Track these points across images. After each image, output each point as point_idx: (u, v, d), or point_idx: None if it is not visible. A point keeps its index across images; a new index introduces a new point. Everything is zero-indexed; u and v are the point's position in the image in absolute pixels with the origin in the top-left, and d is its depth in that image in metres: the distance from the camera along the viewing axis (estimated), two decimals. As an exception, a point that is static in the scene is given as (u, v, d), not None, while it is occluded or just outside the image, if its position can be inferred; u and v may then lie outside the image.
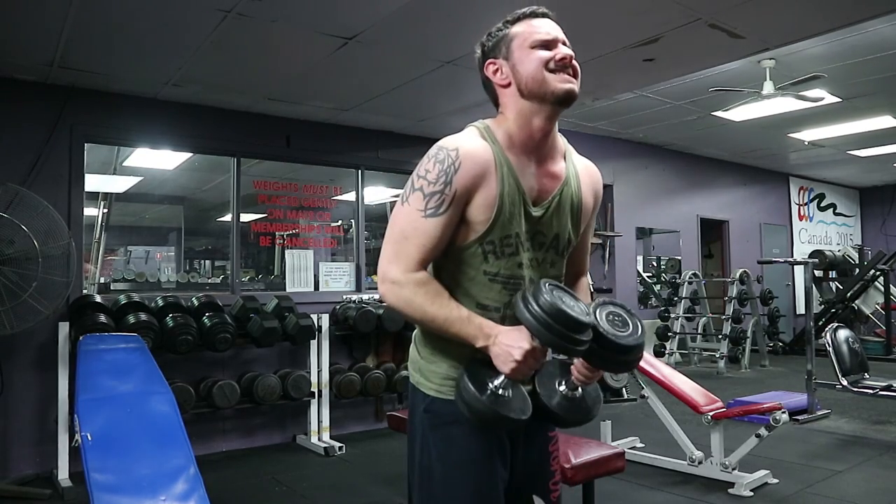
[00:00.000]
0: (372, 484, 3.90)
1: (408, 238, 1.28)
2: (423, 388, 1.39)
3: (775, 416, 3.60)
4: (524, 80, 1.34)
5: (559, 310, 1.18)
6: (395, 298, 1.28)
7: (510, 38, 1.37)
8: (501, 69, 1.38)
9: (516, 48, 1.36)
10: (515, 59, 1.35)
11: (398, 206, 1.33)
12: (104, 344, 3.57)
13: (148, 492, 2.56)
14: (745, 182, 10.26)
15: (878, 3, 3.34)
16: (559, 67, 1.34)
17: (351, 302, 5.14)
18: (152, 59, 3.91)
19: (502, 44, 1.38)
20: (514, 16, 1.39)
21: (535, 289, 1.23)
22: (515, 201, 1.33)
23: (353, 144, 5.49)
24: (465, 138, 1.35)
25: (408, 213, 1.29)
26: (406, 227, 1.29)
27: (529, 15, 1.38)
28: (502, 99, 1.39)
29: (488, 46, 1.41)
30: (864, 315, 9.61)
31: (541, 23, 1.38)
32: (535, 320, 1.19)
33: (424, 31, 3.59)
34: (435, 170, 1.29)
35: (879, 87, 6.18)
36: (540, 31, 1.36)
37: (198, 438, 4.16)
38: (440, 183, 1.28)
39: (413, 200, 1.29)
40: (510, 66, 1.36)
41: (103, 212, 5.03)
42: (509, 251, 1.34)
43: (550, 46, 1.35)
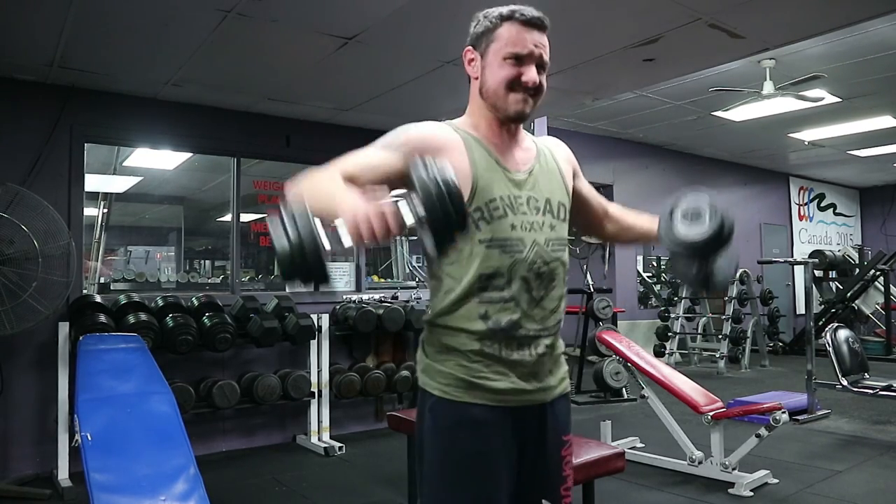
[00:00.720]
0: (372, 484, 3.90)
1: (346, 157, 1.30)
2: (428, 389, 1.38)
3: (775, 416, 3.60)
4: (486, 87, 1.39)
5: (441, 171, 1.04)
6: (306, 181, 1.20)
7: (492, 39, 1.37)
8: (475, 62, 1.41)
9: (492, 52, 1.37)
10: (487, 62, 1.38)
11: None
12: (104, 344, 3.57)
13: (148, 492, 2.56)
14: (745, 182, 10.27)
15: (878, 3, 3.34)
16: (520, 88, 1.36)
17: (351, 302, 5.13)
18: (152, 59, 3.91)
19: (484, 39, 1.39)
20: (508, 11, 1.37)
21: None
22: (491, 167, 1.37)
23: (353, 144, 5.34)
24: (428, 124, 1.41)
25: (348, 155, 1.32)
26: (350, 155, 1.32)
27: (520, 19, 1.36)
28: (471, 87, 1.45)
29: (474, 33, 1.42)
30: (864, 315, 9.62)
31: (525, 34, 1.36)
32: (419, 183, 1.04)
33: (424, 31, 3.59)
34: (391, 134, 1.37)
35: (879, 87, 6.18)
36: (518, 45, 1.35)
37: (198, 438, 4.16)
38: (388, 138, 1.36)
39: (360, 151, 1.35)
40: (482, 64, 1.39)
41: (103, 212, 5.03)
42: (497, 214, 1.34)
43: (524, 62, 1.35)
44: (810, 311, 5.67)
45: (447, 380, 1.35)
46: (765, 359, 8.41)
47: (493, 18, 1.38)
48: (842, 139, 8.25)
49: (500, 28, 1.36)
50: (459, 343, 1.34)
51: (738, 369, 8.06)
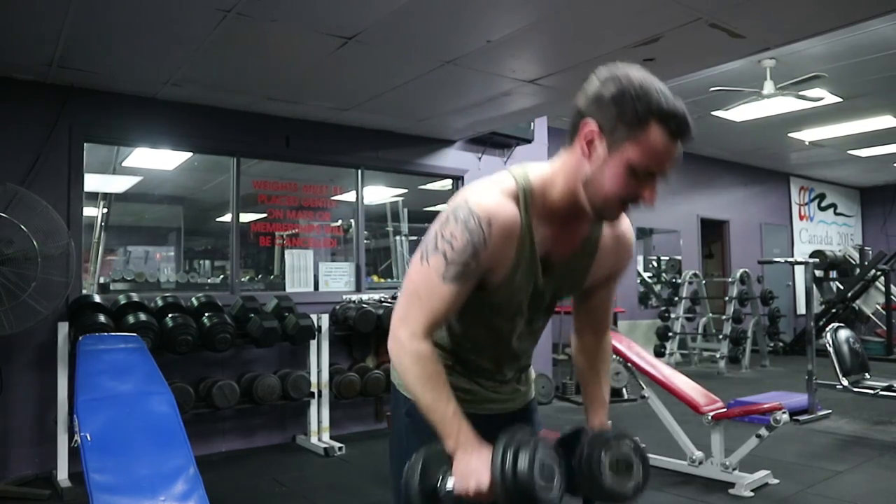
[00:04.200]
0: (372, 484, 3.89)
1: (421, 299, 1.22)
2: (403, 391, 1.41)
3: (776, 416, 3.60)
4: (595, 184, 1.19)
5: (528, 487, 1.11)
6: (395, 358, 1.26)
7: (631, 136, 1.13)
8: (596, 146, 1.17)
9: (624, 153, 1.14)
10: (613, 160, 1.16)
11: (416, 261, 1.25)
12: (104, 344, 3.57)
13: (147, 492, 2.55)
14: (746, 182, 10.26)
15: (878, 3, 3.33)
16: (632, 204, 1.21)
17: (351, 302, 5.13)
18: (152, 58, 3.91)
19: (622, 129, 1.13)
20: (664, 110, 1.12)
21: (519, 446, 1.14)
22: (529, 274, 1.29)
23: (353, 144, 5.48)
24: (498, 203, 1.22)
25: (426, 273, 1.21)
26: (421, 286, 1.22)
27: (674, 129, 1.13)
28: (569, 159, 1.23)
29: (613, 110, 1.14)
30: (864, 315, 9.61)
31: (672, 148, 1.15)
32: (502, 482, 1.12)
33: (424, 31, 3.58)
34: (462, 238, 1.18)
35: (879, 87, 6.17)
36: (659, 161, 1.15)
37: (197, 439, 4.15)
38: (466, 254, 1.19)
39: (433, 262, 1.21)
40: (604, 156, 1.17)
41: (103, 212, 5.03)
42: (509, 315, 1.35)
43: (646, 179, 1.17)
44: (811, 311, 5.66)
45: None
46: (765, 359, 8.40)
47: (643, 111, 1.12)
48: (842, 139, 8.24)
49: (648, 128, 1.12)
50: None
51: (739, 369, 8.06)
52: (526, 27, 3.50)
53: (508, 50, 3.82)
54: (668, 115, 1.13)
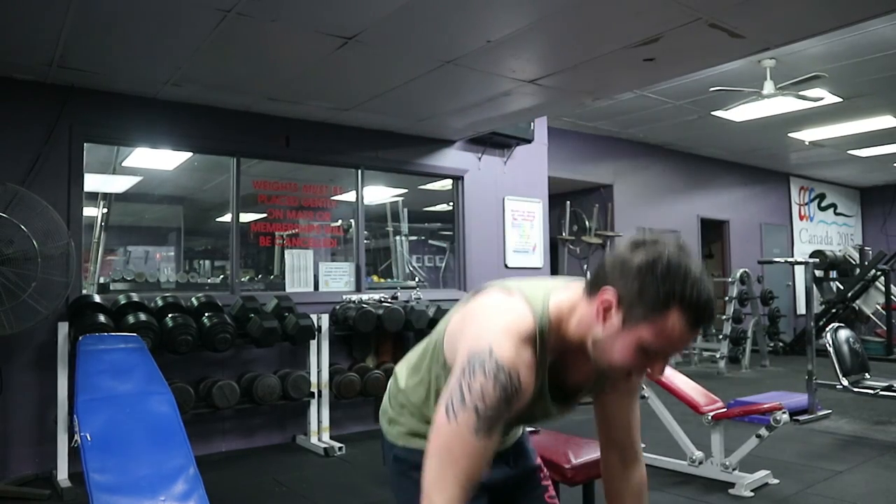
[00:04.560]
0: (372, 484, 3.89)
1: (455, 459, 1.15)
2: (389, 437, 1.48)
3: (776, 416, 3.60)
4: (605, 351, 1.17)
5: None
6: None
7: (650, 318, 1.10)
8: (612, 316, 1.14)
9: (639, 332, 1.12)
10: (625, 335, 1.13)
11: (443, 419, 1.15)
12: (104, 344, 3.56)
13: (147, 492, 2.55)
14: (746, 182, 10.26)
15: (878, 3, 3.33)
16: (638, 375, 1.21)
17: (351, 302, 5.13)
18: (152, 58, 3.91)
19: (641, 309, 1.10)
20: (688, 299, 1.08)
21: None
22: (541, 399, 1.28)
23: (353, 144, 5.48)
24: (520, 352, 1.17)
25: (457, 431, 1.14)
26: (454, 446, 1.15)
27: (693, 319, 1.10)
28: (586, 310, 1.19)
29: (634, 285, 1.11)
30: (864, 315, 9.61)
31: (688, 335, 1.12)
32: None
33: (424, 31, 3.58)
34: (495, 393, 1.13)
35: (879, 87, 6.18)
36: (673, 345, 1.13)
37: (197, 439, 4.15)
38: (500, 408, 1.14)
39: (464, 418, 1.13)
40: (617, 328, 1.14)
41: (103, 212, 5.02)
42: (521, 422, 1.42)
43: (656, 356, 1.15)
44: (811, 311, 5.66)
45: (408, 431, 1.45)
46: (765, 359, 8.40)
47: (667, 295, 1.08)
48: (842, 139, 8.25)
49: (667, 314, 1.09)
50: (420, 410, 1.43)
51: (739, 369, 8.06)
52: (526, 27, 3.50)
53: (508, 50, 3.82)
54: (691, 304, 1.09)
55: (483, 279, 6.07)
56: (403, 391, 1.48)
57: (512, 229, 6.36)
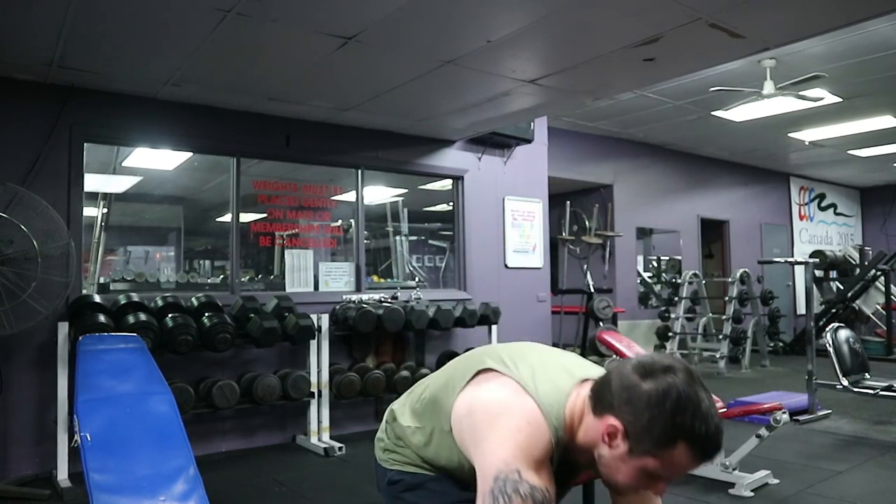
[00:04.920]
0: (372, 484, 3.86)
1: None
2: (384, 464, 1.54)
3: (776, 416, 3.60)
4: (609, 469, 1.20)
5: None
6: None
7: (657, 453, 1.12)
8: (618, 444, 1.16)
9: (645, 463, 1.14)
10: (632, 463, 1.15)
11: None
12: (103, 344, 3.56)
13: (147, 492, 2.55)
14: (746, 182, 10.27)
15: (878, 3, 3.33)
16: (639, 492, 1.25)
17: (351, 302, 5.13)
18: (152, 58, 3.91)
19: (647, 443, 1.12)
20: (691, 434, 1.09)
21: None
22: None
23: (353, 144, 5.48)
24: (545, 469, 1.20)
25: None
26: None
27: (701, 456, 1.12)
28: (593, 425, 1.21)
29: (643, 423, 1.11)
30: (864, 315, 9.61)
31: (690, 466, 1.14)
32: None
33: (424, 31, 3.58)
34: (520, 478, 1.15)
35: (879, 87, 6.18)
36: (672, 474, 1.15)
37: (197, 439, 4.15)
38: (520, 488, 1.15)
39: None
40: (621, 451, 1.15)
41: (103, 212, 5.02)
42: None
43: (658, 481, 1.18)
44: (811, 311, 5.66)
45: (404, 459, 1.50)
46: (765, 359, 8.41)
47: (675, 431, 1.10)
48: (842, 139, 8.25)
49: (675, 448, 1.10)
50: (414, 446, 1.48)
51: (739, 369, 8.06)
52: (526, 27, 3.50)
53: (508, 50, 3.82)
54: (699, 440, 1.09)
55: (483, 279, 6.12)
56: (402, 428, 1.51)
57: (512, 229, 6.36)
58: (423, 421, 1.46)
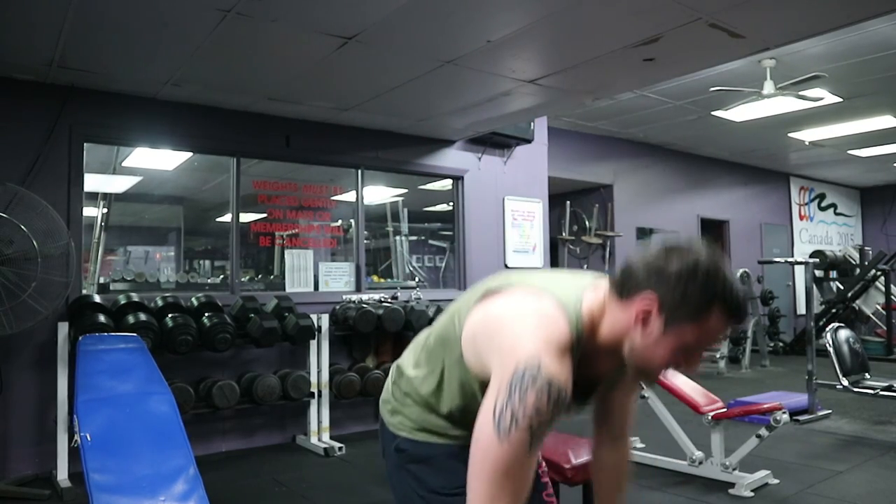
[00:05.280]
0: (372, 484, 3.89)
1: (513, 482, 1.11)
2: (391, 428, 1.45)
3: (776, 416, 3.60)
4: (642, 354, 1.19)
5: None
6: None
7: (693, 320, 1.13)
8: (652, 321, 1.16)
9: (680, 333, 1.14)
10: (666, 337, 1.16)
11: (493, 440, 1.10)
12: (103, 344, 3.56)
13: (147, 492, 2.55)
14: (746, 182, 10.26)
15: (878, 3, 3.33)
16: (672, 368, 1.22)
17: (351, 302, 5.13)
18: (152, 58, 3.91)
19: (684, 313, 1.13)
20: (729, 302, 1.13)
21: None
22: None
23: (353, 144, 5.48)
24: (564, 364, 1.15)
25: (512, 453, 1.10)
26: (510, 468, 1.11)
27: (731, 315, 1.15)
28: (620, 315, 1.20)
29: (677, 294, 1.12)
30: (864, 315, 9.61)
31: (724, 330, 1.17)
32: None
33: (424, 31, 3.58)
34: (548, 410, 1.11)
35: (879, 87, 6.18)
36: (709, 341, 1.17)
37: (197, 439, 4.15)
38: (551, 422, 1.14)
39: (519, 437, 1.09)
40: (656, 329, 1.16)
41: (103, 212, 5.02)
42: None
43: (693, 355, 1.19)
44: (811, 311, 5.66)
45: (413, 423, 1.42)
46: (765, 359, 8.40)
47: (710, 296, 1.12)
48: (842, 139, 8.25)
49: (710, 313, 1.13)
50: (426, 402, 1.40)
51: (739, 369, 8.06)
52: (526, 27, 3.50)
53: (508, 50, 3.82)
54: (731, 302, 1.13)
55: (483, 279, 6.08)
56: (409, 380, 1.43)
57: (512, 229, 6.36)
58: (432, 363, 1.38)
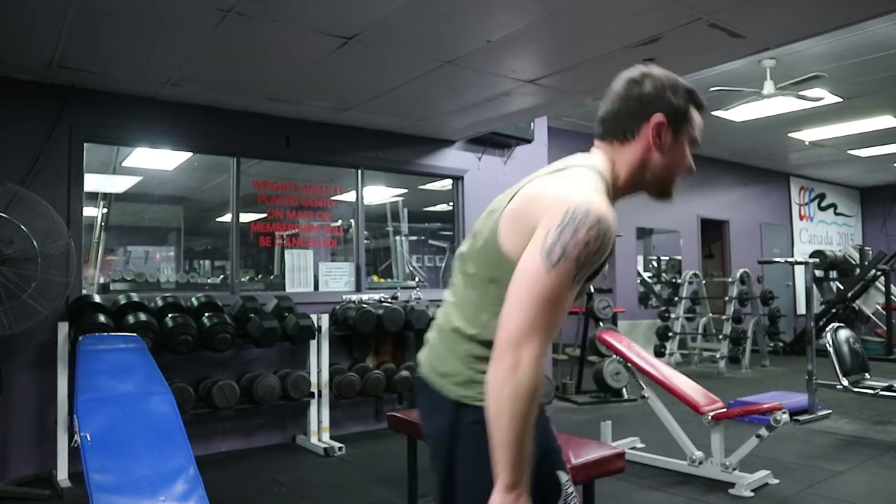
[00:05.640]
0: (372, 484, 3.89)
1: (552, 310, 1.15)
2: (470, 402, 1.29)
3: (776, 416, 3.60)
4: (664, 165, 1.33)
5: None
6: (524, 384, 1.13)
7: (687, 120, 1.33)
8: (662, 134, 1.31)
9: (685, 134, 1.34)
10: (679, 142, 1.34)
11: (539, 268, 1.14)
12: (103, 344, 3.57)
13: (147, 492, 2.55)
14: (746, 182, 10.27)
15: (878, 3, 3.33)
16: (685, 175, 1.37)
17: (351, 302, 5.13)
18: (152, 58, 3.91)
19: (682, 118, 1.33)
20: (694, 95, 1.35)
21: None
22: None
23: (353, 144, 5.48)
24: (608, 207, 1.24)
25: (557, 281, 1.14)
26: (552, 295, 1.14)
27: (701, 104, 1.37)
28: (630, 153, 1.33)
29: (673, 106, 1.31)
30: (864, 315, 9.61)
31: (701, 122, 1.37)
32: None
33: (424, 31, 3.58)
34: (595, 244, 1.16)
35: (879, 87, 6.18)
36: (701, 132, 1.35)
37: (197, 439, 4.15)
38: (597, 258, 1.18)
39: (566, 267, 1.14)
40: (672, 142, 1.32)
41: (103, 212, 5.03)
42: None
43: (692, 154, 1.36)
44: (811, 311, 5.66)
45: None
46: (765, 359, 8.40)
47: (685, 97, 1.34)
48: (842, 139, 8.25)
49: (692, 109, 1.35)
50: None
51: (739, 369, 8.06)
52: (526, 27, 3.50)
53: (508, 50, 3.82)
54: (696, 94, 1.37)
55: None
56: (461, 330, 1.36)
57: (512, 229, 6.34)
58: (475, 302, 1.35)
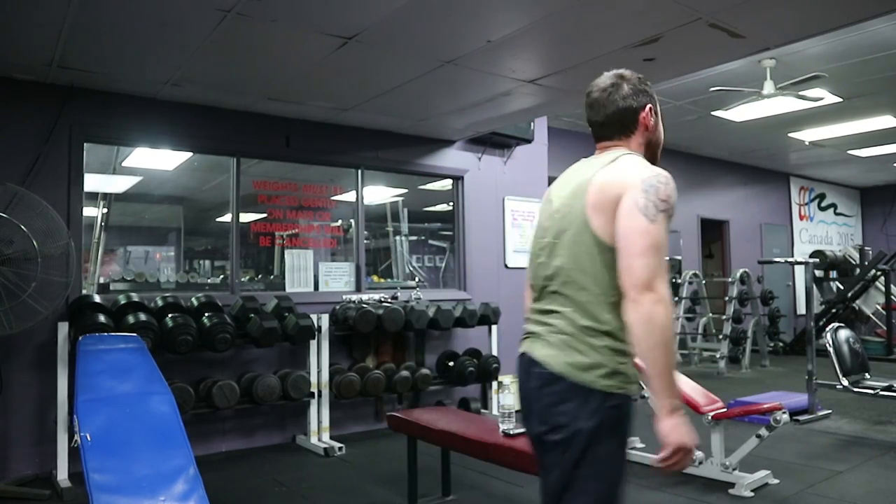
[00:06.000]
0: (372, 484, 3.89)
1: (663, 253, 1.44)
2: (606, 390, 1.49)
3: (776, 416, 3.60)
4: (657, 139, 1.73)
5: None
6: (665, 316, 1.38)
7: (655, 101, 1.71)
8: (651, 118, 1.69)
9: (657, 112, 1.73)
10: (658, 121, 1.73)
11: (645, 223, 1.43)
12: (103, 344, 3.56)
13: (147, 492, 2.55)
14: (746, 182, 10.26)
15: (878, 3, 3.33)
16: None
17: (351, 302, 5.13)
18: (152, 58, 3.91)
19: (654, 101, 1.71)
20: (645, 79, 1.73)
21: None
22: None
23: (353, 144, 5.48)
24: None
25: (661, 231, 1.44)
26: (662, 243, 1.43)
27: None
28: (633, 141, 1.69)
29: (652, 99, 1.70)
30: (864, 315, 9.61)
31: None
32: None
33: (424, 31, 3.58)
34: (673, 199, 1.49)
35: (880, 87, 6.18)
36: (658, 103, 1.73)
37: (197, 439, 4.15)
38: (673, 210, 1.49)
39: (662, 220, 1.44)
40: (654, 121, 1.70)
41: (103, 212, 5.02)
42: None
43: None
44: (811, 311, 5.66)
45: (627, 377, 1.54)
46: (765, 359, 8.40)
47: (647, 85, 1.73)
48: (842, 139, 8.25)
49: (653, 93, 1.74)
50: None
51: (739, 369, 8.06)
52: (526, 27, 3.50)
53: (508, 50, 3.82)
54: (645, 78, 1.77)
55: (483, 279, 6.11)
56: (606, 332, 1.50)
57: (512, 229, 6.36)
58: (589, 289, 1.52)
